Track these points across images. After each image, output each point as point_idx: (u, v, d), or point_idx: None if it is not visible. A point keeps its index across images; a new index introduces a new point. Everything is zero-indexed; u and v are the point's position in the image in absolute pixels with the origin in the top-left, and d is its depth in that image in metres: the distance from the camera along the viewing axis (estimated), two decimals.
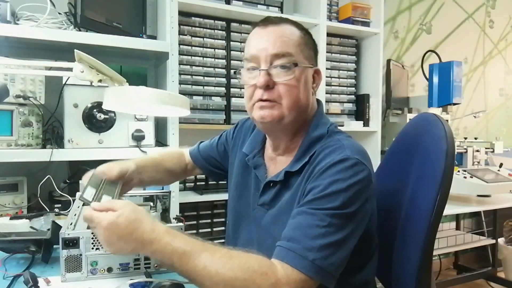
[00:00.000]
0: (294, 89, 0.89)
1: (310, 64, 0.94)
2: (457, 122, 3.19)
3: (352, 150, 0.85)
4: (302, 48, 0.91)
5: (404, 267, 0.94)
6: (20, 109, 1.38)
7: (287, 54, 0.88)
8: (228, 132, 1.20)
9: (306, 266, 0.74)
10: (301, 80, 0.90)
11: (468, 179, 2.11)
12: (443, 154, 0.88)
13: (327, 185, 0.80)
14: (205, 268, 0.72)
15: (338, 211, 0.78)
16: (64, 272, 0.92)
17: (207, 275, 0.72)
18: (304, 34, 0.93)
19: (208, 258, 0.73)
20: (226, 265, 0.73)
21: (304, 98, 0.92)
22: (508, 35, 3.52)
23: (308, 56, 0.93)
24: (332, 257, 0.76)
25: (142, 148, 1.54)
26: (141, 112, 1.52)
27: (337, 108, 2.38)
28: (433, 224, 0.87)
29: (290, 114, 0.90)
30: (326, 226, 0.77)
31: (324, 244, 0.76)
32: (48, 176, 1.47)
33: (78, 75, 0.95)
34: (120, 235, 0.75)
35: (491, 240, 2.63)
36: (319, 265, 0.74)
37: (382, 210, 1.06)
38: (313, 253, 0.75)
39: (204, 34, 1.97)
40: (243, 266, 0.73)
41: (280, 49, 0.88)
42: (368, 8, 2.36)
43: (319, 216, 0.78)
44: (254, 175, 1.02)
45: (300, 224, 0.79)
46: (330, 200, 0.79)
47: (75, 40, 1.45)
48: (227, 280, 0.71)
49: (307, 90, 0.93)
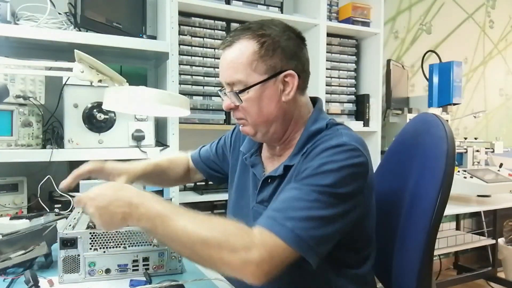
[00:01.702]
0: (253, 108, 0.90)
1: (270, 75, 0.88)
2: (457, 122, 3.19)
3: (350, 138, 0.85)
4: (255, 65, 0.87)
5: (404, 267, 0.94)
6: (20, 109, 1.38)
7: (236, 82, 0.89)
8: (226, 135, 1.20)
9: (283, 232, 0.73)
10: (259, 97, 0.89)
11: (468, 179, 2.11)
12: (443, 154, 0.88)
13: (320, 165, 0.80)
14: (185, 228, 0.73)
15: (327, 189, 0.77)
16: (62, 273, 0.92)
17: (185, 234, 0.73)
18: (261, 45, 0.87)
19: (189, 219, 0.75)
20: (204, 225, 0.75)
21: (271, 111, 0.90)
22: (508, 35, 3.52)
23: (267, 68, 0.88)
24: (313, 230, 0.75)
25: (142, 148, 1.54)
26: (141, 112, 1.52)
27: (337, 108, 2.38)
28: (433, 224, 0.87)
29: (260, 128, 0.93)
30: (312, 201, 0.77)
31: (307, 216, 0.75)
32: (48, 176, 1.47)
33: (78, 75, 0.95)
34: (109, 201, 0.77)
35: (491, 240, 2.63)
36: (298, 234, 0.73)
37: (382, 210, 1.06)
38: (293, 222, 0.74)
39: (204, 34, 1.97)
40: (221, 228, 0.75)
41: (229, 79, 0.90)
42: (368, 8, 2.36)
43: (307, 191, 0.78)
44: (252, 174, 1.02)
45: (286, 197, 0.79)
46: (320, 178, 0.79)
47: (75, 40, 1.45)
48: (204, 239, 0.72)
49: (272, 102, 0.90)
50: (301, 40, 0.95)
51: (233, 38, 0.90)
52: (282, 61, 0.89)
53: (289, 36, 0.91)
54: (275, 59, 0.88)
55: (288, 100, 0.91)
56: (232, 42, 0.90)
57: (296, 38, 0.93)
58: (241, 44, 0.89)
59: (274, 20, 0.94)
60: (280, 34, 0.90)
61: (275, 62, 0.88)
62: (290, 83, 0.90)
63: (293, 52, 0.91)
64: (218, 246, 0.72)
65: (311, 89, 1.00)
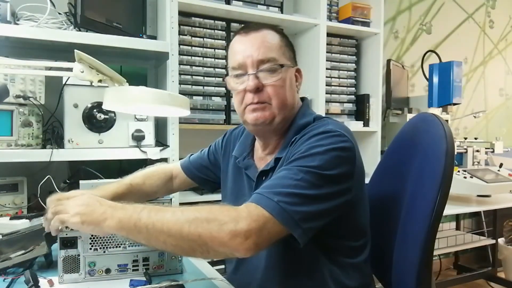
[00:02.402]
0: (281, 89, 0.94)
1: (292, 65, 0.98)
2: (457, 122, 3.19)
3: (336, 126, 0.89)
4: (283, 50, 0.96)
5: (404, 267, 0.94)
6: (20, 109, 1.38)
7: (271, 59, 0.93)
8: (217, 142, 1.23)
9: (269, 205, 0.75)
10: (286, 80, 0.95)
11: (468, 179, 2.11)
12: (443, 154, 0.88)
13: (307, 149, 0.84)
14: (173, 214, 0.75)
15: (314, 170, 0.80)
16: (62, 273, 0.92)
17: (172, 219, 0.74)
18: (283, 37, 0.98)
19: (177, 209, 0.77)
20: (191, 209, 0.77)
21: (291, 97, 0.97)
22: (508, 35, 3.52)
23: (290, 57, 0.98)
24: (298, 206, 0.76)
25: (142, 148, 1.54)
26: (141, 112, 1.52)
27: (337, 108, 2.38)
28: (433, 224, 0.87)
29: (280, 113, 0.94)
30: (299, 180, 0.79)
31: (293, 193, 0.77)
32: (48, 176, 1.47)
33: (78, 75, 0.95)
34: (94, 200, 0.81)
35: (491, 240, 2.63)
36: (283, 207, 0.75)
37: (381, 210, 1.06)
38: (279, 196, 0.76)
39: (204, 34, 1.97)
40: (207, 208, 0.76)
41: (265, 55, 0.92)
42: (368, 8, 2.36)
43: (294, 170, 0.81)
44: (246, 176, 1.05)
45: (275, 178, 0.82)
46: (307, 160, 0.82)
47: (75, 40, 1.45)
48: (192, 218, 0.74)
49: (292, 89, 0.98)
50: None
51: (257, 26, 0.97)
52: (294, 58, 1.00)
53: None
54: (291, 53, 0.99)
55: (298, 92, 1.00)
56: (258, 27, 0.96)
57: None
58: (268, 32, 0.96)
59: None
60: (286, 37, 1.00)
61: (292, 56, 0.99)
62: (299, 77, 1.01)
63: (295, 54, 1.02)
64: (206, 222, 0.73)
65: (311, 89, 1.02)
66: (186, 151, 1.85)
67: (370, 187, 1.16)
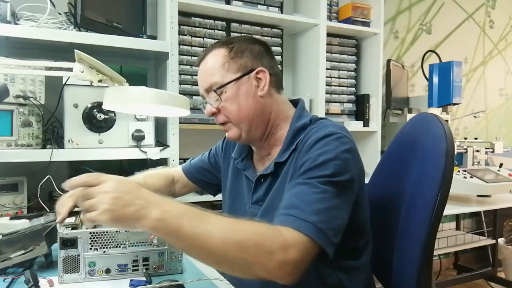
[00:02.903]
0: (233, 106, 0.96)
1: (243, 73, 0.96)
2: (457, 122, 3.19)
3: (335, 127, 0.90)
4: (227, 66, 0.96)
5: (404, 267, 0.94)
6: (20, 109, 1.38)
7: (213, 84, 0.96)
8: (218, 144, 1.24)
9: (308, 228, 0.74)
10: (237, 94, 0.96)
11: (468, 179, 2.11)
12: (443, 154, 0.88)
13: (317, 157, 0.84)
14: (217, 230, 0.70)
15: (331, 179, 0.81)
16: (62, 273, 0.92)
17: (218, 238, 0.69)
18: (230, 49, 0.97)
19: (218, 221, 0.72)
20: (236, 227, 0.72)
21: (250, 106, 0.96)
22: (508, 35, 3.52)
23: (238, 67, 0.96)
24: (329, 222, 0.77)
25: (142, 148, 1.54)
26: (141, 112, 1.52)
27: (337, 108, 2.38)
28: (433, 224, 0.87)
29: (243, 127, 0.98)
30: (321, 192, 0.79)
31: (321, 209, 0.77)
32: (48, 176, 1.46)
33: (78, 75, 0.95)
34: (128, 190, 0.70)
35: (491, 240, 2.63)
36: (319, 227, 0.75)
37: (381, 210, 1.06)
38: (312, 216, 0.76)
39: (204, 34, 1.97)
40: (252, 228, 0.73)
41: (207, 83, 0.97)
42: (368, 8, 2.36)
43: (313, 184, 0.81)
44: (244, 177, 1.06)
45: (296, 194, 0.81)
46: (321, 169, 0.82)
47: (75, 40, 1.45)
48: (240, 242, 0.70)
49: (249, 98, 0.96)
50: (265, 48, 1.03)
51: (205, 52, 1.00)
52: (251, 61, 0.97)
53: (254, 42, 1.01)
54: (244, 58, 0.97)
55: (264, 95, 0.97)
56: (205, 55, 1.00)
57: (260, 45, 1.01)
58: (212, 53, 0.98)
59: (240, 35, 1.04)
60: (245, 41, 1.00)
61: (245, 61, 0.97)
62: (263, 78, 0.97)
63: (260, 54, 0.99)
64: (254, 247, 0.70)
65: (311, 89, 1.02)
66: (186, 151, 1.85)
67: (370, 187, 1.16)
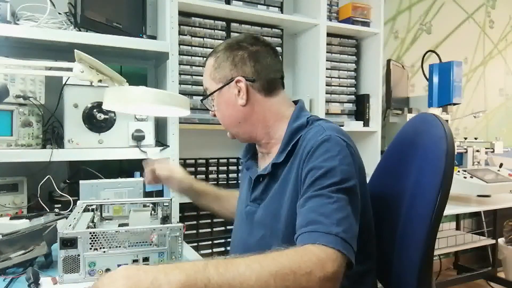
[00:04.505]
0: (219, 113, 1.05)
1: (224, 83, 1.00)
2: (457, 122, 3.19)
3: (332, 130, 0.91)
4: (214, 75, 1.02)
5: (404, 268, 0.94)
6: (20, 109, 1.38)
7: (205, 90, 1.06)
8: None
9: (334, 241, 0.74)
10: (220, 103, 1.03)
11: (468, 179, 2.11)
12: (443, 154, 0.88)
13: (321, 164, 0.84)
14: (248, 268, 0.66)
15: (340, 186, 0.81)
16: (62, 273, 0.92)
17: (252, 275, 0.65)
18: (216, 59, 1.02)
19: (243, 261, 0.68)
20: (265, 261, 0.68)
21: (231, 115, 1.02)
22: (508, 35, 3.52)
23: (220, 78, 1.01)
24: (350, 231, 0.77)
25: (142, 148, 1.54)
26: (141, 112, 1.52)
27: (337, 108, 2.38)
28: (433, 224, 0.87)
29: (231, 131, 1.06)
30: (336, 202, 0.79)
31: (340, 218, 0.77)
32: (48, 176, 1.47)
33: (78, 75, 0.95)
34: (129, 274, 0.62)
35: (491, 240, 2.63)
36: (343, 237, 0.75)
37: (382, 210, 1.06)
38: (334, 227, 0.76)
39: (204, 34, 1.97)
40: (281, 256, 0.70)
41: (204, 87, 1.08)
42: (368, 8, 2.36)
43: (326, 194, 0.81)
44: (248, 177, 1.08)
45: (312, 208, 0.81)
46: (329, 177, 0.82)
47: (75, 40, 1.45)
48: (275, 272, 0.66)
49: (230, 107, 1.01)
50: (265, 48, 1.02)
51: (206, 59, 1.07)
52: (231, 70, 1.00)
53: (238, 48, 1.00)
54: (225, 69, 1.00)
55: (244, 103, 0.99)
56: (205, 61, 1.07)
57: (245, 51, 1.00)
58: (207, 62, 1.05)
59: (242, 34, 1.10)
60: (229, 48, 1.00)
61: (225, 72, 1.00)
62: (241, 87, 0.99)
63: (242, 61, 0.99)
64: (291, 273, 0.67)
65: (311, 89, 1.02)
66: (186, 151, 1.85)
67: (370, 187, 1.15)
